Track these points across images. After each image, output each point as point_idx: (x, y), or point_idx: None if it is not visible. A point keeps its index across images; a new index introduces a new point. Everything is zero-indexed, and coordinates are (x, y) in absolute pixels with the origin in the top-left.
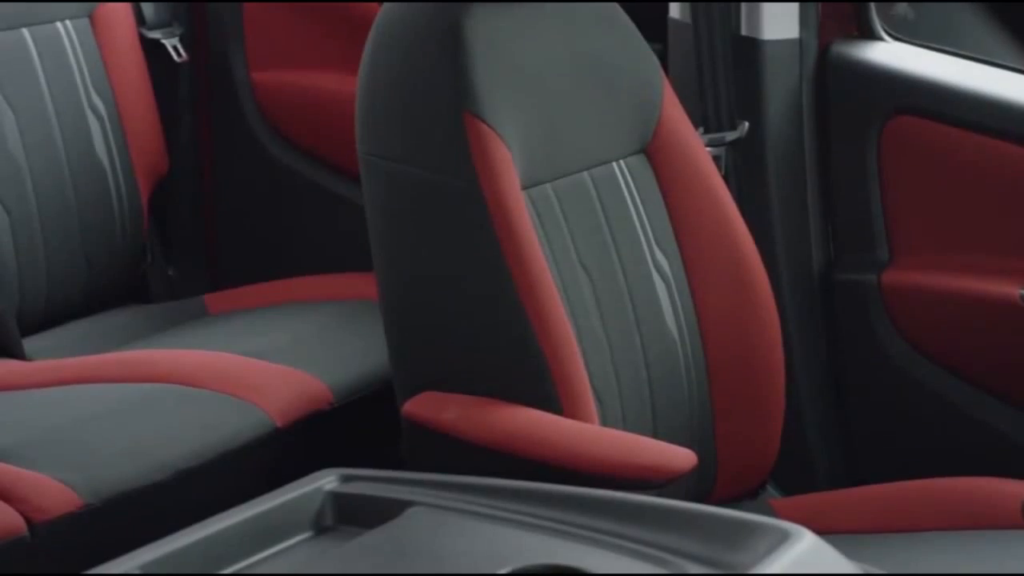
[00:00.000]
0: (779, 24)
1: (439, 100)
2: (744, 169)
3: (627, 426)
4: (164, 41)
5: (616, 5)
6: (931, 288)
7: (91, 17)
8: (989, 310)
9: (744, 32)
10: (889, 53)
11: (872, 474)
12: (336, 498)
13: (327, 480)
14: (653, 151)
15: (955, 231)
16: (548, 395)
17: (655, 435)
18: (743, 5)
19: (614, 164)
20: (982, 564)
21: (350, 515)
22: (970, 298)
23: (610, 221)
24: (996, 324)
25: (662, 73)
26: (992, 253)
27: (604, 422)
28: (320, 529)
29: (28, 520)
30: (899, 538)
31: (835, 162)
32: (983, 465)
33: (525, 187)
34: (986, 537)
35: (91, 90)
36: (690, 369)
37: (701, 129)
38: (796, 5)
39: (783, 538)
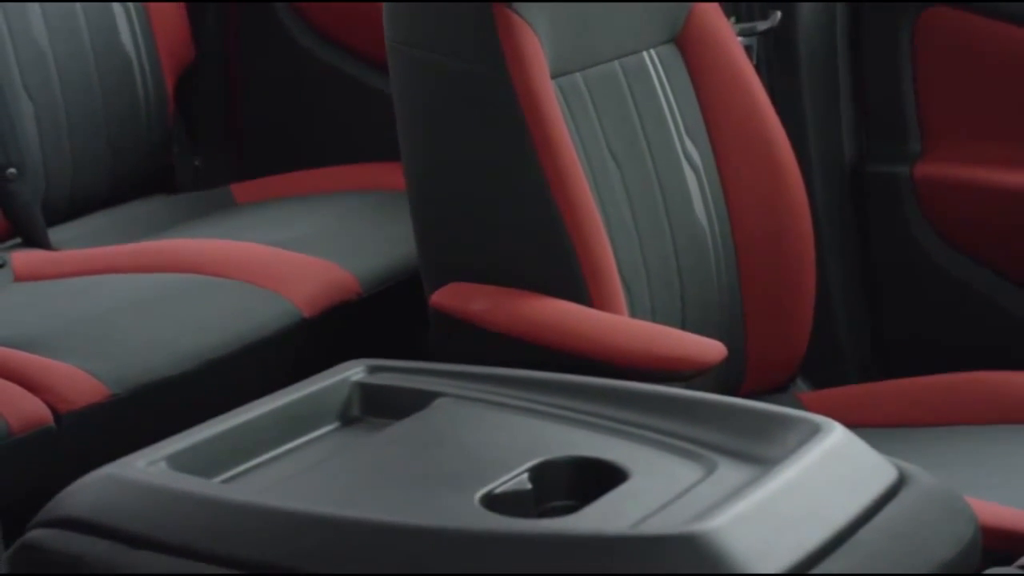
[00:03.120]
0: None
1: None
2: (776, 59)
3: (656, 317)
4: None
5: None
6: (964, 180)
7: None
8: (1023, 202)
9: None
10: None
11: (901, 367)
12: (363, 389)
13: (354, 371)
14: (684, 41)
15: (988, 123)
16: (576, 286)
17: (684, 327)
18: None
19: (644, 54)
20: (1010, 457)
21: (377, 406)
22: (1004, 190)
23: (640, 111)
24: None
25: None
26: None
27: (633, 313)
28: (347, 420)
29: (54, 410)
30: (928, 431)
31: (867, 52)
32: (1015, 359)
33: (554, 76)
34: (1015, 431)
35: None
36: (720, 260)
37: (733, 19)
38: None
39: (814, 431)
